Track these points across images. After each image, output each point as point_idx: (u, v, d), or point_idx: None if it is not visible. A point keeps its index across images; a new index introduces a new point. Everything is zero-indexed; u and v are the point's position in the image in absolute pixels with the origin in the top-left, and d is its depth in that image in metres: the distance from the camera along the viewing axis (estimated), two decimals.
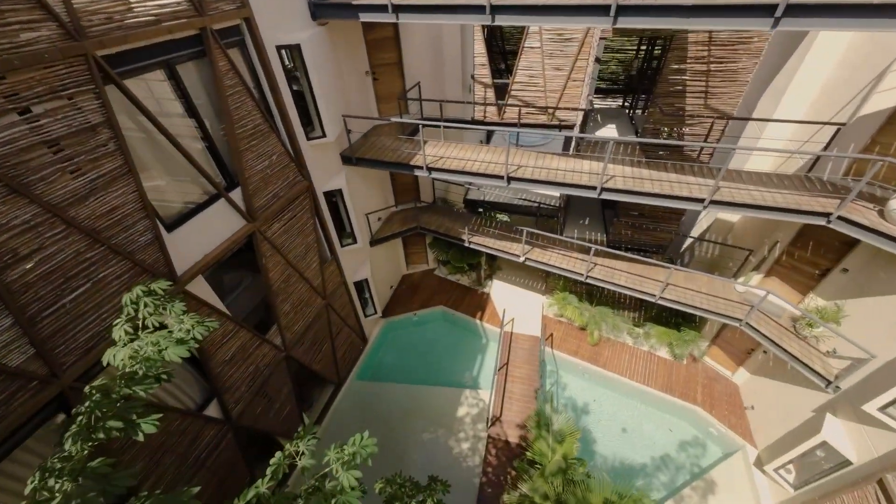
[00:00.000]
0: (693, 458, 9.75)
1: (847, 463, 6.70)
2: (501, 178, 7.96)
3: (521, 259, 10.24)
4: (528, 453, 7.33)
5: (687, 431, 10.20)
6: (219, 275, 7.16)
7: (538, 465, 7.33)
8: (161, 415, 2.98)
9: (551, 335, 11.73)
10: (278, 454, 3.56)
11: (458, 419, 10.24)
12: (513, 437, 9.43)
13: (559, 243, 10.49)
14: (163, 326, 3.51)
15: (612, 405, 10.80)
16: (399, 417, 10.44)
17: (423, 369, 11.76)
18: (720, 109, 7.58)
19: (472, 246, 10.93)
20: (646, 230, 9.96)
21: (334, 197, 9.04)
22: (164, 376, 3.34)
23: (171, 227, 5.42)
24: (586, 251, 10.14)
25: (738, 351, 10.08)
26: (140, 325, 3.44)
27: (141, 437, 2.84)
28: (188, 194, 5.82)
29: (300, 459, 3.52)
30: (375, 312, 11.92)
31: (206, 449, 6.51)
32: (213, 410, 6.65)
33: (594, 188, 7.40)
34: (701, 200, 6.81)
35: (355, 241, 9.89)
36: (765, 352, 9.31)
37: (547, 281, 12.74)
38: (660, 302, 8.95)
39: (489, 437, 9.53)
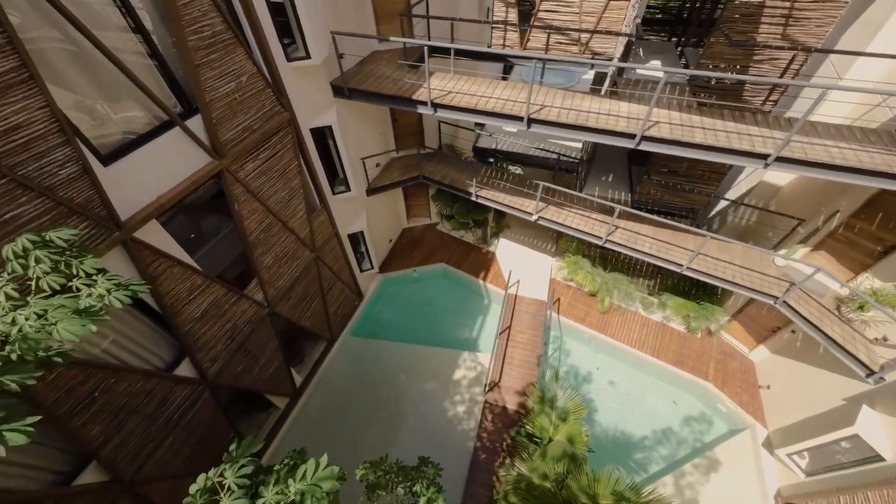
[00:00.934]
0: (696, 433, 9.33)
1: (877, 458, 6.09)
2: (520, 119, 6.62)
3: (534, 217, 9.12)
4: (527, 426, 6.81)
5: (692, 406, 9.71)
6: (185, 221, 6.17)
7: (537, 439, 6.83)
8: (39, 417, 2.13)
9: (558, 300, 10.94)
10: (194, 487, 2.65)
11: (455, 381, 9.77)
12: (511, 403, 8.96)
13: (578, 202, 9.30)
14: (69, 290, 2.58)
15: (616, 374, 10.26)
16: (393, 376, 10.00)
17: (421, 328, 11.16)
18: (802, 41, 6.01)
19: (479, 200, 9.77)
20: (679, 191, 8.71)
21: (324, 136, 7.76)
22: (58, 359, 2.47)
23: (108, 160, 4.33)
24: (608, 212, 8.97)
25: (761, 328, 9.27)
26: (33, 288, 2.51)
27: (2, 452, 2.01)
28: (130, 121, 4.65)
29: (225, 499, 2.64)
30: (372, 267, 11.08)
31: (179, 409, 5.95)
32: (185, 370, 6.00)
33: (632, 137, 6.10)
34: (763, 157, 5.53)
35: (349, 189, 8.76)
36: (793, 331, 8.48)
37: (558, 242, 11.70)
38: (687, 273, 7.97)
39: (486, 402, 9.07)
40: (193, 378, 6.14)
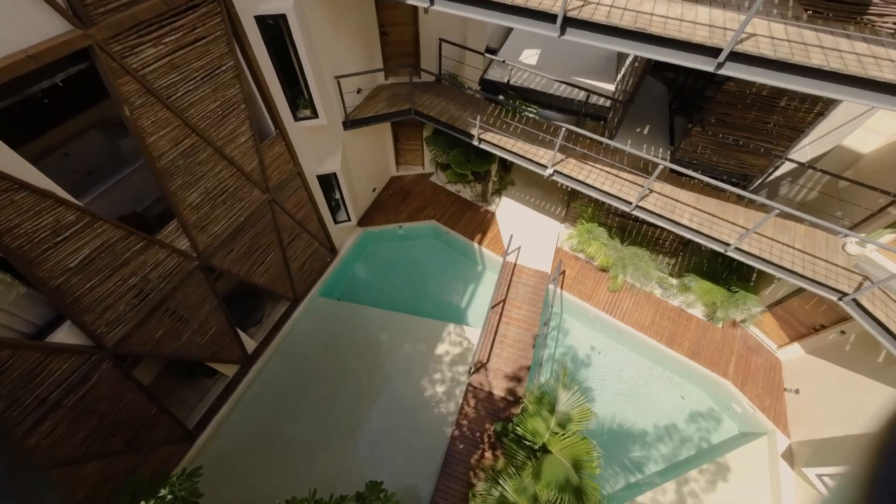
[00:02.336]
0: (703, 432, 8.18)
1: None
2: (551, 19, 4.57)
3: (549, 172, 7.25)
4: (518, 427, 5.48)
5: (702, 402, 8.50)
6: (38, 123, 4.27)
7: (528, 443, 5.52)
8: None
9: (563, 273, 9.36)
10: None
11: (437, 357, 8.40)
12: (498, 389, 7.65)
13: (606, 154, 7.39)
14: None
15: (618, 360, 8.94)
16: (367, 345, 8.59)
17: (403, 293, 9.62)
18: None
19: (482, 146, 7.82)
20: (736, 150, 6.83)
21: (277, 31, 5.63)
22: None
23: None
24: (642, 170, 7.14)
25: (799, 324, 7.83)
26: None
27: None
28: None
29: None
30: (349, 219, 9.29)
31: (59, 386, 4.42)
32: (66, 336, 4.40)
33: (713, 53, 4.14)
34: None
35: (316, 116, 6.75)
36: (843, 332, 7.04)
37: (570, 206, 9.90)
38: (732, 254, 6.32)
39: (470, 384, 7.74)
40: (81, 346, 4.56)
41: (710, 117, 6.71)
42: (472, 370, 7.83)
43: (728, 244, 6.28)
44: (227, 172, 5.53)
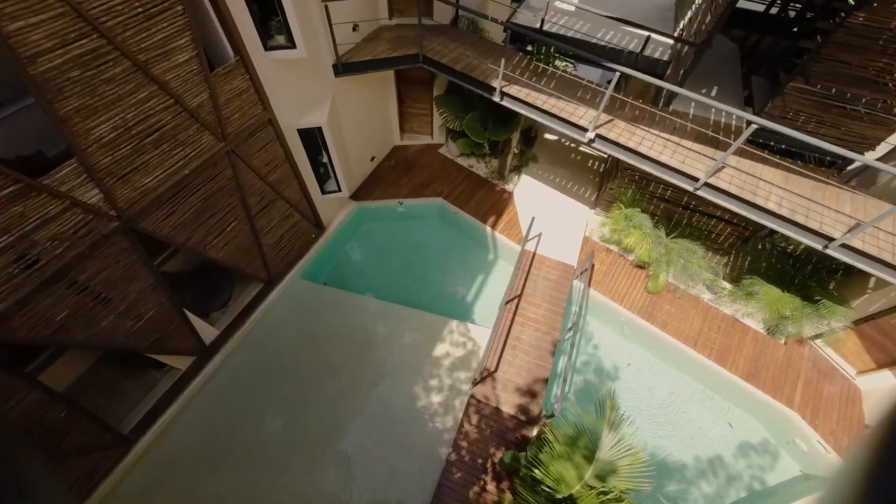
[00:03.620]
0: (756, 470, 6.61)
1: None
2: None
3: (589, 136, 5.61)
4: (535, 468, 4.01)
5: (755, 432, 6.90)
6: None
7: (548, 490, 4.04)
8: None
9: (591, 267, 7.76)
10: None
11: (435, 359, 6.92)
12: (508, 404, 6.15)
13: (659, 118, 5.73)
14: None
15: (653, 376, 7.37)
16: (353, 340, 7.13)
17: (400, 281, 8.13)
18: None
19: (504, 102, 6.21)
20: (843, 114, 5.10)
21: None
22: None
23: None
24: (710, 140, 5.47)
25: (894, 345, 6.17)
26: None
27: None
28: None
29: None
30: (339, 190, 7.77)
31: None
32: None
33: None
34: None
35: (294, 46, 5.18)
36: None
37: (603, 187, 8.25)
38: (833, 253, 4.67)
39: (473, 396, 6.26)
40: None
41: (814, 66, 4.97)
42: (476, 379, 6.34)
43: (831, 239, 4.62)
44: (160, 103, 4.02)
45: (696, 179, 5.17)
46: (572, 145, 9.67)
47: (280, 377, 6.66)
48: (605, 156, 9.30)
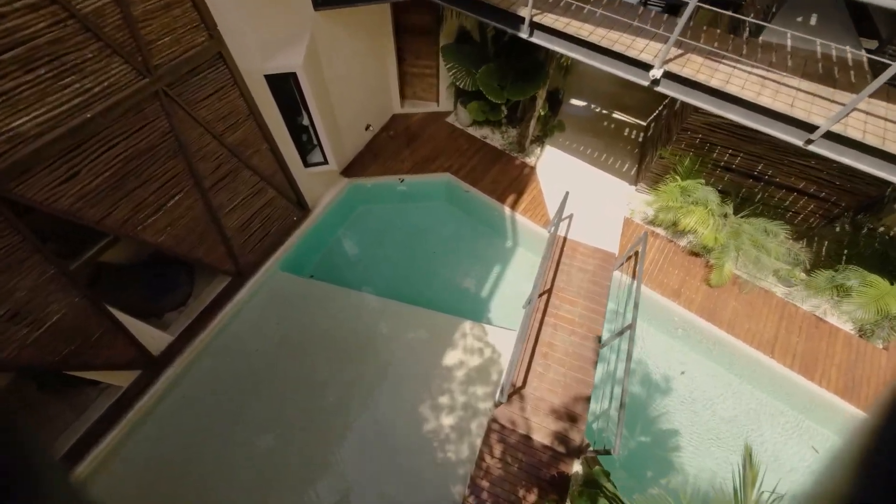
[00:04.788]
0: None
1: None
2: None
3: (654, 74, 4.08)
4: None
5: None
6: None
7: None
8: None
9: (635, 255, 6.28)
10: None
11: (446, 371, 5.50)
12: (540, 432, 4.73)
13: (747, 50, 4.20)
14: None
15: (713, 387, 5.92)
16: (341, 345, 5.73)
17: (402, 274, 6.71)
18: None
19: (535, 39, 4.69)
20: None
21: None
22: None
23: None
24: (821, 77, 3.95)
25: None
26: None
27: None
28: None
29: None
30: (325, 162, 6.32)
31: None
32: None
33: None
34: None
35: None
36: None
37: (647, 158, 6.73)
38: None
39: (495, 420, 4.85)
40: None
41: None
42: (499, 399, 4.92)
43: None
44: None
45: (810, 128, 3.67)
46: (604, 111, 8.13)
47: (252, 394, 5.28)
48: (646, 123, 7.77)
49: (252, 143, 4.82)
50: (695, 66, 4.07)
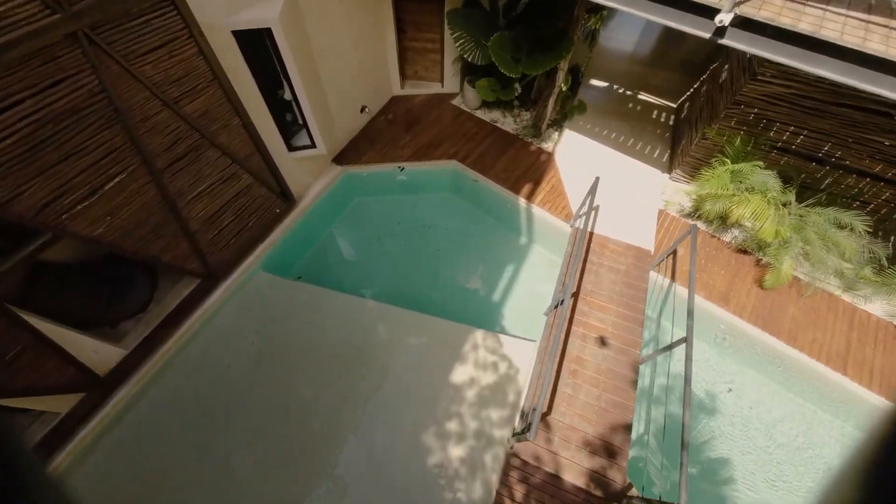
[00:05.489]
0: None
1: None
2: None
3: (722, 19, 3.18)
4: None
5: None
6: None
7: None
8: None
9: (672, 254, 5.37)
10: None
11: (454, 390, 4.60)
12: (571, 471, 3.81)
13: None
14: None
15: (768, 407, 4.99)
16: (333, 359, 4.83)
17: (402, 275, 5.83)
18: None
19: None
20: None
21: None
22: None
23: None
24: None
25: None
26: None
27: None
28: None
29: None
30: (312, 145, 5.44)
31: None
32: None
33: None
34: None
35: None
36: None
37: (682, 140, 5.83)
38: None
39: (515, 455, 3.95)
40: None
41: None
42: (518, 430, 4.02)
43: None
44: None
45: None
46: (628, 92, 7.23)
47: (222, 420, 4.39)
48: (676, 105, 6.86)
49: (219, 117, 3.94)
50: (774, 8, 3.16)
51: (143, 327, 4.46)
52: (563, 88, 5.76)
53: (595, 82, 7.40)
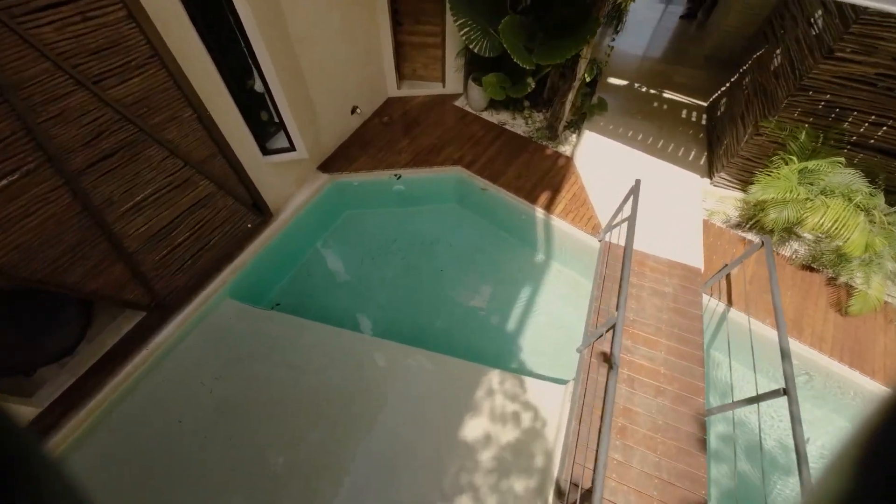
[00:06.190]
0: None
1: None
2: None
3: None
4: None
5: None
6: None
7: None
8: None
9: (725, 269, 4.43)
10: None
11: (465, 449, 3.57)
12: None
13: None
14: None
15: None
16: (314, 411, 3.82)
17: (401, 301, 4.87)
18: None
19: None
20: None
21: None
22: None
23: None
24: None
25: None
26: None
27: None
28: None
29: None
30: (292, 148, 4.57)
31: None
32: None
33: None
34: None
35: None
36: None
37: (722, 141, 4.98)
38: None
39: None
40: None
41: None
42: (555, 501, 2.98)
43: None
44: None
45: None
46: (652, 91, 6.46)
47: (168, 493, 3.34)
48: (708, 103, 6.07)
49: (163, 106, 3.07)
50: None
51: (68, 375, 3.47)
52: (587, 80, 4.94)
53: (613, 80, 6.65)
